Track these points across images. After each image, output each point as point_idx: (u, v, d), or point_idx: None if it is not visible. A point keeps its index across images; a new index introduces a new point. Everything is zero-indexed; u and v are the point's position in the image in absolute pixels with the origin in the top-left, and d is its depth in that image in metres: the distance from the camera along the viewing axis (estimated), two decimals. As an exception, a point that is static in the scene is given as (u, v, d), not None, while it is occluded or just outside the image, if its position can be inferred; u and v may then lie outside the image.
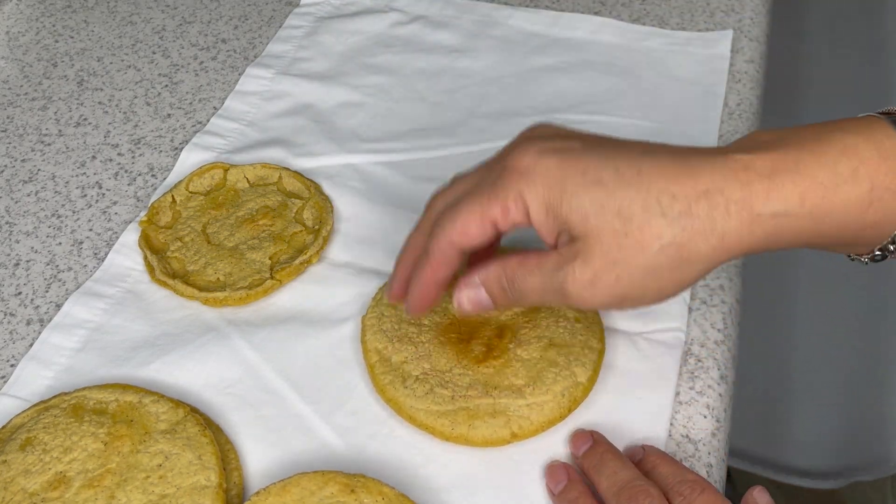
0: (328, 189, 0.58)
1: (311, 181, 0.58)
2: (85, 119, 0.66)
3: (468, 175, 0.42)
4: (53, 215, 0.58)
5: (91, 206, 0.59)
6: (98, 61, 0.71)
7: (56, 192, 0.60)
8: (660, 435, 0.44)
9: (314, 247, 0.53)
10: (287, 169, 0.58)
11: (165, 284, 0.52)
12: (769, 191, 0.36)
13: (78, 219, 0.58)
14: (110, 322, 0.51)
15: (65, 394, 0.46)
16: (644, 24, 0.70)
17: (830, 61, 1.07)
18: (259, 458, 0.44)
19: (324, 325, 0.50)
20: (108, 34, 0.74)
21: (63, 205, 0.59)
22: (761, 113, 0.65)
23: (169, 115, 0.66)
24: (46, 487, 0.41)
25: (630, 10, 0.72)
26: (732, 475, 1.05)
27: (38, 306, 0.53)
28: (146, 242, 0.54)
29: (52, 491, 0.41)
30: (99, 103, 0.67)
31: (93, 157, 0.62)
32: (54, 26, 0.75)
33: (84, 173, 0.61)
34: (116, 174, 0.61)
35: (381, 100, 0.65)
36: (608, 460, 0.41)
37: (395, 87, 0.66)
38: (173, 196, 0.57)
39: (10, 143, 0.64)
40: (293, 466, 0.43)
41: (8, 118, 0.66)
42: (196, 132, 0.63)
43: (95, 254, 0.55)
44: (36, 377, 0.48)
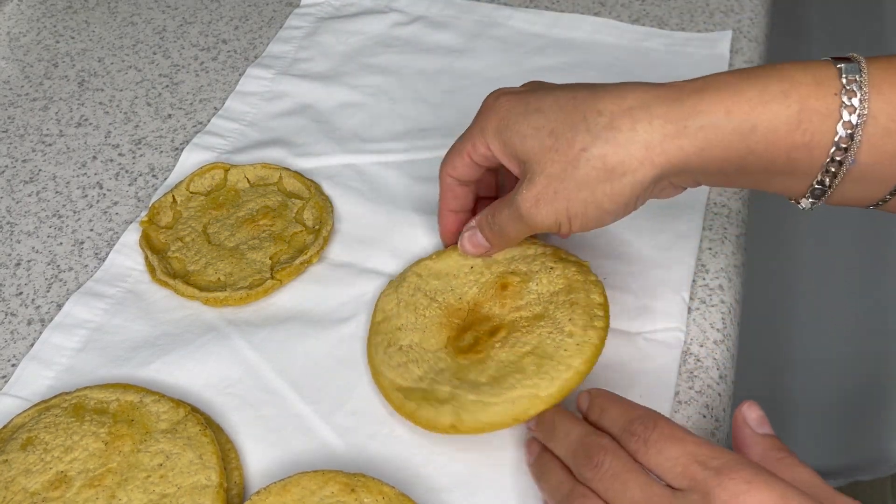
0: (328, 189, 0.58)
1: (312, 181, 0.58)
2: (86, 119, 0.66)
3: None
4: (54, 215, 0.58)
5: (92, 207, 0.59)
6: (99, 62, 0.71)
7: (57, 193, 0.60)
8: (659, 434, 0.44)
9: (314, 247, 0.53)
10: (287, 169, 0.59)
11: (166, 284, 0.52)
12: (696, 105, 0.38)
13: (79, 219, 0.58)
14: (111, 322, 0.51)
15: (66, 393, 0.46)
16: (644, 25, 0.70)
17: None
18: (259, 458, 0.44)
19: (324, 325, 0.50)
20: (109, 35, 0.74)
21: (64, 205, 0.59)
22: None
23: (170, 116, 0.66)
24: (47, 487, 0.41)
25: (630, 11, 0.72)
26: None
27: (39, 306, 0.53)
28: (147, 242, 0.54)
29: (53, 490, 0.41)
30: (100, 104, 0.67)
31: (94, 158, 0.63)
32: (55, 27, 0.75)
33: (85, 173, 0.61)
34: (117, 174, 0.61)
35: (381, 100, 0.65)
36: (557, 424, 0.40)
37: (395, 88, 0.66)
38: (174, 196, 0.57)
39: (11, 144, 0.64)
40: (293, 466, 0.43)
41: (9, 118, 0.66)
42: (197, 132, 0.63)
43: (96, 254, 0.56)
44: (37, 377, 0.48)
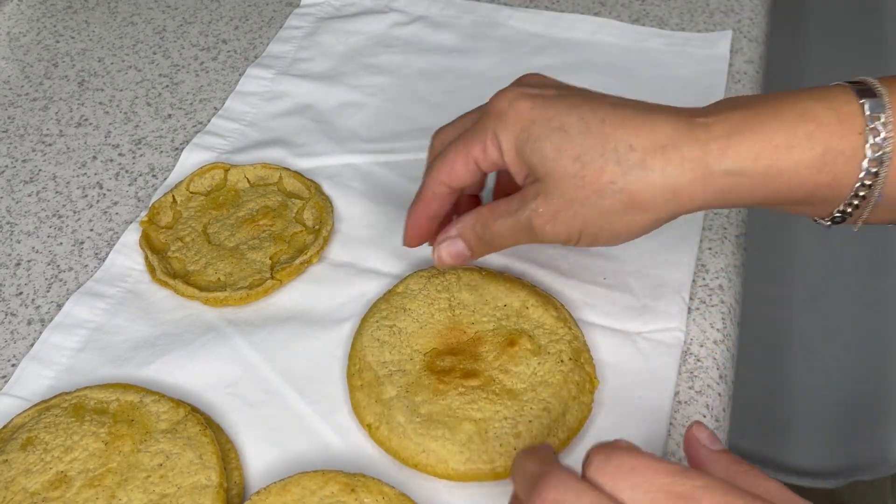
0: (328, 189, 0.58)
1: (312, 181, 0.58)
2: (86, 119, 0.66)
3: (465, 115, 0.46)
4: (54, 215, 0.58)
5: (92, 207, 0.59)
6: (99, 62, 0.71)
7: (57, 193, 0.60)
8: (659, 434, 0.44)
9: (314, 247, 0.53)
10: (287, 169, 0.59)
11: (166, 284, 0.52)
12: (724, 149, 0.38)
13: (79, 219, 0.58)
14: (111, 322, 0.51)
15: (66, 393, 0.46)
16: (644, 25, 0.70)
17: (830, 61, 1.07)
18: (259, 458, 0.44)
19: (324, 325, 0.50)
20: (109, 35, 0.74)
21: (64, 205, 0.59)
22: (761, 113, 0.65)
23: (170, 116, 0.66)
24: (47, 487, 0.41)
25: (630, 11, 0.72)
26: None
27: (39, 306, 0.53)
28: (147, 242, 0.54)
29: (53, 490, 0.41)
30: (100, 104, 0.67)
31: (94, 158, 0.63)
32: (55, 27, 0.75)
33: (85, 173, 0.61)
34: (117, 174, 0.61)
35: (381, 100, 0.65)
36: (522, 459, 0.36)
37: (396, 88, 0.66)
38: (174, 196, 0.57)
39: (11, 144, 0.64)
40: (293, 466, 0.43)
41: (9, 118, 0.66)
42: (197, 132, 0.63)
43: (96, 254, 0.56)
44: (37, 377, 0.48)
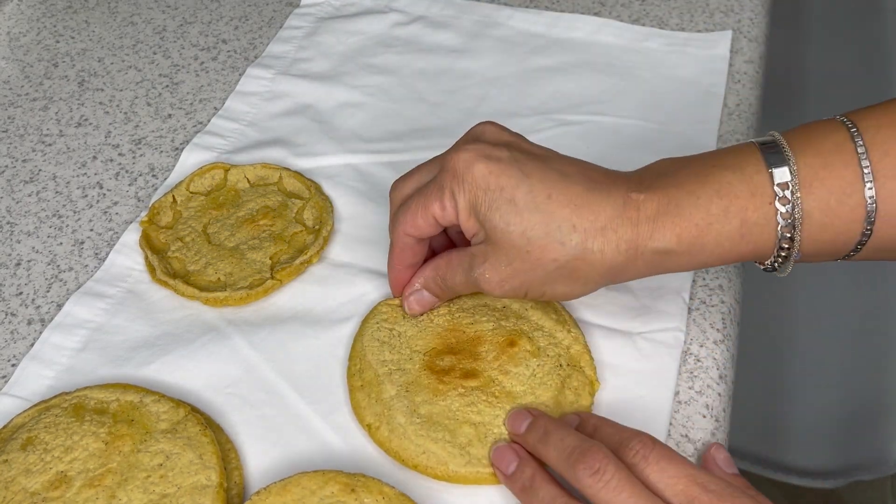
0: (328, 189, 0.58)
1: (312, 181, 0.58)
2: (86, 119, 0.66)
3: (423, 167, 0.48)
4: (54, 215, 0.58)
5: (92, 207, 0.59)
6: (99, 62, 0.71)
7: (57, 193, 0.60)
8: (659, 434, 0.44)
9: (314, 247, 0.53)
10: (287, 169, 0.59)
11: (166, 284, 0.52)
12: (652, 231, 0.41)
13: (79, 219, 0.58)
14: (111, 322, 0.51)
15: (66, 393, 0.46)
16: (644, 25, 0.70)
17: (830, 61, 1.07)
18: (259, 458, 0.44)
19: (324, 325, 0.50)
20: (109, 35, 0.74)
21: (64, 205, 0.59)
22: (760, 113, 0.65)
23: (170, 116, 0.66)
24: (47, 487, 0.41)
25: (630, 11, 0.72)
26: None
27: (39, 306, 0.53)
28: (147, 242, 0.54)
29: (53, 490, 0.41)
30: (100, 103, 0.67)
31: (94, 158, 0.63)
32: (55, 27, 0.75)
33: (85, 173, 0.61)
34: (117, 174, 0.61)
35: (381, 100, 0.65)
36: (551, 430, 0.41)
37: (395, 88, 0.66)
38: (174, 196, 0.57)
39: (11, 144, 0.64)
40: (293, 466, 0.43)
41: (9, 118, 0.66)
42: (197, 132, 0.63)
43: (96, 254, 0.56)
44: (37, 377, 0.48)
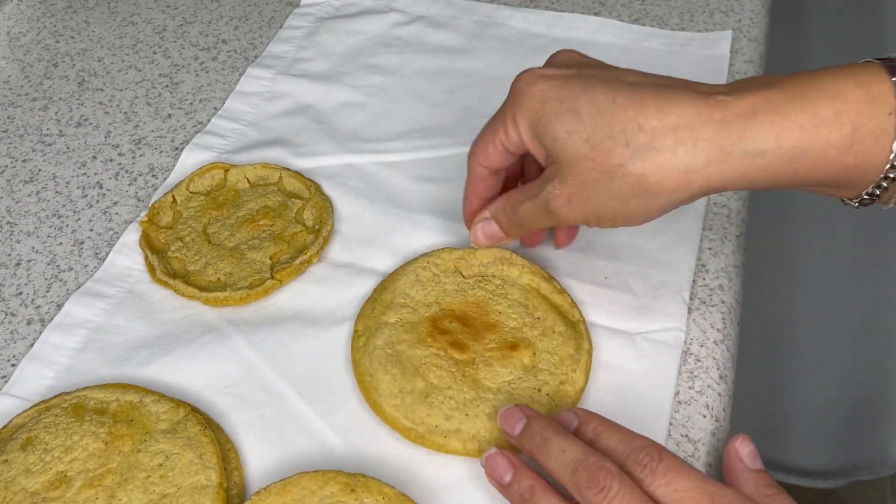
0: (328, 189, 0.58)
1: (312, 181, 0.58)
2: (86, 119, 0.66)
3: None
4: (54, 215, 0.58)
5: (92, 207, 0.59)
6: (99, 62, 0.71)
7: (57, 193, 0.60)
8: (659, 434, 0.44)
9: (314, 247, 0.53)
10: (287, 169, 0.59)
11: (166, 284, 0.52)
12: (744, 129, 0.37)
13: (79, 219, 0.58)
14: (111, 322, 0.51)
15: (65, 393, 0.46)
16: (644, 25, 0.70)
17: (830, 61, 1.07)
18: (259, 458, 0.44)
19: (324, 325, 0.50)
20: (109, 34, 0.74)
21: (64, 205, 0.59)
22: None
23: (169, 116, 0.66)
24: (47, 487, 0.41)
25: (630, 11, 0.72)
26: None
27: (39, 306, 0.53)
28: (147, 242, 0.54)
29: (53, 490, 0.41)
30: (99, 103, 0.67)
31: (93, 158, 0.63)
32: (55, 27, 0.75)
33: (85, 173, 0.61)
34: (117, 174, 0.61)
35: (381, 100, 0.65)
36: (550, 437, 0.38)
37: (395, 87, 0.66)
38: (174, 196, 0.57)
39: (11, 144, 0.64)
40: (293, 466, 0.43)
41: (9, 118, 0.66)
42: (196, 132, 0.63)
43: (96, 254, 0.56)
44: (37, 377, 0.48)
